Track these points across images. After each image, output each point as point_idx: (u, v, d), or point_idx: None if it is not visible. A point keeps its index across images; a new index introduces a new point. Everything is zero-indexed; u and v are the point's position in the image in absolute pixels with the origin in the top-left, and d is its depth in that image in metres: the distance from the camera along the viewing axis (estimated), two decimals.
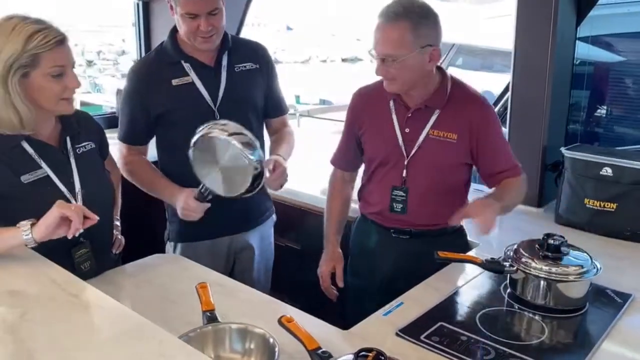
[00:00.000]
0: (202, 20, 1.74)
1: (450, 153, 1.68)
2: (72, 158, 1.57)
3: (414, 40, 1.54)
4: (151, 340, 1.00)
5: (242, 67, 1.93)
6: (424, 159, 1.69)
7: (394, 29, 1.54)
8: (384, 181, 1.77)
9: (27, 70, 1.40)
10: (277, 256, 2.25)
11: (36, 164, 1.49)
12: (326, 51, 32.61)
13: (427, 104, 1.68)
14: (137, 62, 2.04)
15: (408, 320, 1.38)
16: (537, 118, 2.13)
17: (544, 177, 2.19)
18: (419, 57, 1.57)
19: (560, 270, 1.43)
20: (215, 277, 1.64)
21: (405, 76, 1.59)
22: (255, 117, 1.98)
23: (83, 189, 1.55)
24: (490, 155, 1.71)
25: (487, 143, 1.69)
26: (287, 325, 1.18)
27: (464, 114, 1.67)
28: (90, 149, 1.64)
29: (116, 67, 22.58)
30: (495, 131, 1.71)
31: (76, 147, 1.59)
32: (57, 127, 1.57)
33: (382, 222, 1.80)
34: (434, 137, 1.68)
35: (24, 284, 1.22)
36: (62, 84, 1.45)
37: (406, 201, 1.73)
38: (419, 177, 1.71)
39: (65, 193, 1.52)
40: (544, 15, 2.03)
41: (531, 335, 1.37)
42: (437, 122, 1.68)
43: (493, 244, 1.96)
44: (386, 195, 1.75)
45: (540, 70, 2.08)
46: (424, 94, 1.68)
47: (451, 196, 1.74)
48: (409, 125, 1.70)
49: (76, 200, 1.53)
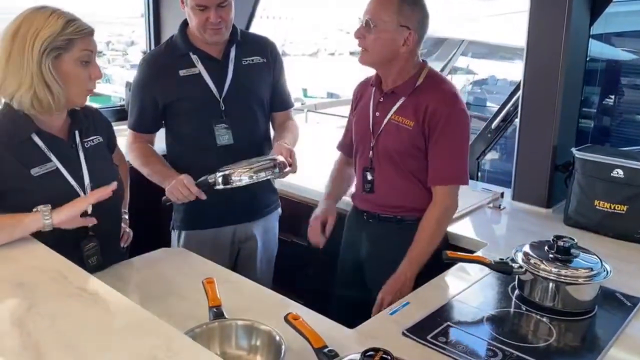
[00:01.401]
0: (211, 12, 1.78)
1: (406, 138, 1.73)
2: (81, 152, 1.58)
3: (396, 16, 1.64)
4: (158, 335, 1.00)
5: (249, 60, 1.96)
6: (384, 142, 1.77)
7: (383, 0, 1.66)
8: (359, 163, 1.86)
9: (60, 53, 1.44)
10: (282, 251, 2.25)
11: (46, 158, 1.50)
12: (334, 45, 32.47)
13: (395, 90, 1.75)
14: (148, 53, 2.09)
15: (414, 320, 1.37)
16: (548, 117, 2.11)
17: (554, 177, 2.16)
18: (394, 33, 1.65)
19: (570, 272, 1.41)
20: (221, 272, 1.64)
21: (376, 48, 1.67)
22: (261, 110, 2.01)
23: (92, 183, 1.56)
24: (434, 152, 1.72)
25: (436, 139, 1.71)
26: (293, 322, 1.18)
27: (424, 103, 1.70)
28: (98, 142, 1.65)
29: (125, 57, 22.60)
30: (450, 132, 1.70)
31: (84, 141, 1.60)
32: (66, 120, 1.59)
33: (358, 205, 1.90)
34: (394, 121, 1.75)
35: (32, 276, 1.22)
36: (87, 73, 1.49)
37: (373, 181, 1.81)
38: (382, 159, 1.78)
39: (75, 186, 1.53)
40: (557, 12, 2.01)
41: (539, 337, 1.36)
42: (399, 108, 1.74)
43: (500, 244, 1.95)
44: (360, 177, 1.86)
45: (553, 68, 2.06)
46: (397, 78, 1.74)
47: (415, 182, 1.77)
48: (379, 109, 1.79)
49: (85, 193, 1.54)
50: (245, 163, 1.73)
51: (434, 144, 1.71)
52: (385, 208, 1.81)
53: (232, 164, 1.74)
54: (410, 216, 1.79)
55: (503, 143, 3.01)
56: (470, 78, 7.95)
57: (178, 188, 1.74)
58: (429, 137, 1.71)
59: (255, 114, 1.98)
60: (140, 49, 21.52)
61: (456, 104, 1.72)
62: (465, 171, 1.75)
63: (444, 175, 1.73)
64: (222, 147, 1.91)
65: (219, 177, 1.71)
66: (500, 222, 2.17)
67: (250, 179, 1.70)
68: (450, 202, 1.75)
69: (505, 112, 2.55)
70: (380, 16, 1.64)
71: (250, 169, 1.71)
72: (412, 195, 1.78)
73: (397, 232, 1.80)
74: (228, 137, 1.91)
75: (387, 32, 1.65)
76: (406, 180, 1.77)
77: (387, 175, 1.79)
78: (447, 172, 1.73)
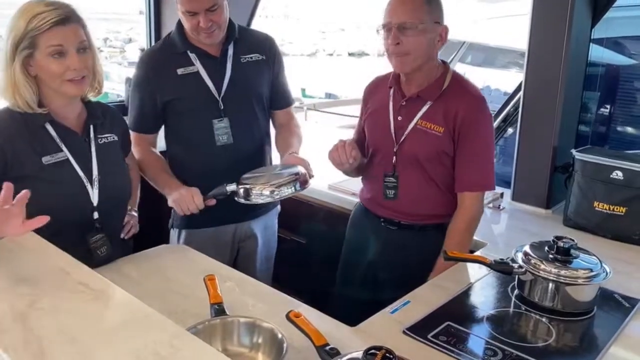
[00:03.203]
0: (201, 17, 1.76)
1: (435, 145, 1.69)
2: (94, 146, 1.59)
3: (429, 13, 1.59)
4: (161, 331, 1.00)
5: (248, 58, 1.94)
6: (410, 148, 1.72)
7: (409, 1, 1.58)
8: (377, 168, 1.80)
9: (31, 51, 1.44)
10: (281, 249, 2.25)
11: (57, 147, 1.52)
12: (333, 45, 32.47)
13: (420, 94, 1.70)
14: (146, 51, 2.06)
15: (415, 319, 1.38)
16: (549, 119, 2.12)
17: (553, 178, 2.17)
18: (432, 31, 1.60)
19: (569, 273, 1.42)
20: (222, 269, 1.64)
21: (418, 50, 1.60)
22: (261, 108, 1.99)
23: (100, 176, 1.57)
24: (462, 158, 1.70)
25: (465, 146, 1.69)
26: (295, 320, 1.18)
27: (454, 109, 1.67)
28: (112, 140, 1.67)
29: (123, 55, 22.56)
30: (479, 137, 1.70)
31: (99, 137, 1.62)
32: (82, 114, 1.61)
33: (374, 210, 1.84)
34: (421, 127, 1.70)
35: (34, 272, 1.22)
36: (64, 65, 1.46)
37: (397, 187, 1.75)
38: (407, 165, 1.74)
39: (83, 178, 1.55)
40: (559, 16, 2.01)
41: (538, 337, 1.36)
42: (426, 113, 1.70)
43: (500, 244, 1.96)
44: (379, 182, 1.78)
45: (554, 71, 2.07)
46: (423, 81, 1.70)
47: (439, 188, 1.75)
48: (402, 113, 1.74)
49: (92, 186, 1.56)
50: (266, 176, 1.72)
51: (463, 150, 1.69)
52: (408, 216, 1.77)
53: (251, 173, 1.75)
54: (431, 223, 1.77)
55: (502, 144, 3.02)
56: None
57: (186, 201, 1.75)
58: (457, 142, 1.68)
59: (254, 112, 1.96)
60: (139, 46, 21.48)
61: (485, 109, 1.71)
62: (493, 177, 1.74)
63: (473, 181, 1.71)
64: (221, 146, 1.90)
65: (241, 189, 1.71)
66: (500, 222, 2.18)
67: (272, 194, 1.69)
68: (478, 208, 1.73)
69: (505, 113, 2.56)
70: (417, 17, 1.57)
71: (272, 184, 1.69)
72: (435, 202, 1.75)
73: (415, 240, 1.78)
74: (227, 136, 1.90)
75: (427, 31, 1.59)
76: (431, 187, 1.74)
77: (412, 182, 1.74)
78: (475, 178, 1.71)
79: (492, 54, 6.95)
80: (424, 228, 1.78)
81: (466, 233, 1.74)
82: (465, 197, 1.72)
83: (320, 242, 2.36)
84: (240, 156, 1.92)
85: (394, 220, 1.80)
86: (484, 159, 1.72)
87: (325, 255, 2.10)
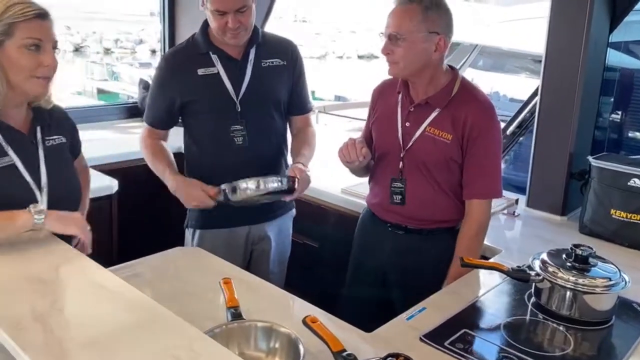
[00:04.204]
0: (230, 17, 1.77)
1: (443, 152, 1.70)
2: (41, 149, 1.51)
3: (423, 23, 1.60)
4: (181, 335, 1.00)
5: (269, 62, 1.95)
6: (417, 154, 1.73)
7: (406, 10, 1.61)
8: (384, 173, 1.81)
9: (1, 39, 1.36)
10: (294, 253, 2.25)
11: (3, 151, 1.43)
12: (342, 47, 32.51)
13: (429, 101, 1.71)
14: (169, 51, 2.10)
15: (432, 325, 1.37)
16: (565, 124, 2.10)
17: (569, 185, 2.16)
18: (425, 41, 1.61)
19: (588, 281, 1.40)
20: (236, 272, 1.64)
21: (408, 58, 1.62)
22: (278, 112, 2.00)
23: (49, 182, 1.50)
24: (470, 165, 1.70)
25: (474, 153, 1.69)
26: (312, 325, 1.17)
27: (462, 116, 1.67)
28: (60, 143, 1.58)
29: (133, 55, 22.73)
30: (487, 145, 1.70)
31: (46, 139, 1.54)
32: (28, 116, 1.52)
33: (381, 215, 1.84)
34: (430, 134, 1.71)
35: (54, 272, 1.23)
36: (37, 60, 1.39)
37: (404, 192, 1.75)
38: (414, 170, 1.74)
39: (31, 184, 1.47)
40: (577, 20, 2.00)
41: (555, 346, 1.35)
42: (435, 120, 1.70)
43: (514, 251, 1.95)
44: (386, 187, 1.79)
45: (571, 76, 2.05)
46: (430, 89, 1.70)
47: (446, 194, 1.75)
48: (410, 119, 1.74)
49: (41, 193, 1.48)
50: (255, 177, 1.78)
51: (471, 157, 1.69)
52: (415, 221, 1.78)
53: None
54: (438, 228, 1.77)
55: (517, 149, 3.01)
56: None
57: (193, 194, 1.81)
58: (466, 150, 1.69)
59: (271, 117, 1.97)
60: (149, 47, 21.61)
61: (494, 116, 1.71)
62: (500, 184, 1.74)
63: (482, 189, 1.71)
64: (237, 149, 1.90)
65: (228, 186, 1.76)
66: (515, 228, 2.16)
67: (257, 187, 1.74)
68: (486, 215, 1.74)
69: (521, 119, 2.55)
70: (407, 27, 1.59)
71: (257, 178, 1.75)
72: (443, 208, 1.75)
73: (424, 243, 1.78)
74: (243, 139, 1.90)
75: (417, 42, 1.61)
76: (438, 193, 1.74)
77: (419, 187, 1.74)
78: (484, 186, 1.71)
79: (502, 59, 6.93)
80: (432, 232, 1.78)
81: (475, 240, 1.74)
82: (473, 205, 1.72)
83: (333, 245, 2.35)
84: (256, 159, 1.92)
85: (401, 225, 1.80)
86: (492, 167, 1.73)
87: (337, 258, 2.09)
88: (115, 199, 2.42)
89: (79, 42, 26.55)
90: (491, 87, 7.97)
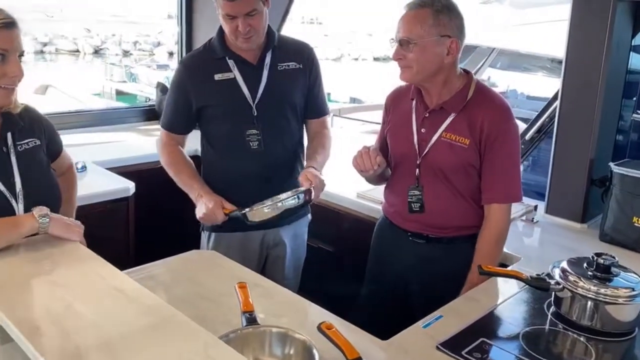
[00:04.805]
0: (240, 21, 1.77)
1: (461, 157, 1.67)
2: (13, 155, 1.49)
3: (434, 27, 1.58)
4: (196, 340, 1.00)
5: (285, 66, 1.94)
6: (434, 160, 1.70)
7: (416, 15, 1.60)
8: (400, 181, 1.78)
9: None
10: (309, 257, 2.24)
11: None
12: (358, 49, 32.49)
13: (444, 106, 1.68)
14: (187, 55, 2.09)
15: (448, 334, 1.34)
16: (586, 130, 2.07)
17: (590, 191, 2.12)
18: (437, 45, 1.59)
19: (610, 291, 1.37)
20: (252, 276, 1.63)
21: (420, 63, 1.60)
22: (294, 116, 1.99)
23: (24, 190, 1.48)
24: (488, 169, 1.68)
25: (491, 157, 1.66)
26: (327, 332, 1.16)
27: (479, 120, 1.65)
28: (33, 146, 1.55)
29: (151, 57, 22.96)
30: (506, 148, 1.67)
31: (18, 144, 1.51)
32: None
33: (400, 224, 1.81)
34: (446, 139, 1.68)
35: (70, 276, 1.23)
36: (2, 70, 1.36)
37: (422, 200, 1.73)
38: (431, 177, 1.72)
39: (6, 194, 1.45)
40: (599, 23, 1.97)
41: (575, 357, 1.33)
42: (450, 125, 1.68)
43: (533, 258, 1.91)
44: (403, 195, 1.76)
45: (592, 80, 2.01)
46: (444, 93, 1.68)
47: (466, 200, 1.72)
48: (425, 125, 1.72)
49: (17, 200, 1.46)
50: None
51: (489, 162, 1.66)
52: (435, 229, 1.75)
53: None
54: (459, 235, 1.75)
55: (536, 154, 2.96)
56: None
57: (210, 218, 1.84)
58: (484, 154, 1.66)
59: (287, 121, 1.96)
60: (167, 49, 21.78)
61: (511, 119, 1.68)
62: (520, 188, 1.71)
63: (501, 193, 1.69)
64: (252, 153, 1.90)
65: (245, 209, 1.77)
66: (533, 235, 2.13)
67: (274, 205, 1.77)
68: (506, 220, 1.71)
69: (540, 124, 2.51)
70: (418, 32, 1.58)
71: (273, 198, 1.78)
72: (463, 214, 1.73)
73: (446, 252, 1.75)
74: (258, 143, 1.90)
75: (429, 46, 1.59)
76: (458, 199, 1.71)
77: (438, 194, 1.72)
78: (503, 190, 1.68)
79: (519, 58, 6.90)
80: (453, 240, 1.75)
81: (495, 246, 1.71)
82: (492, 210, 1.70)
83: (348, 250, 2.34)
84: (271, 163, 1.92)
85: (422, 234, 1.77)
86: (511, 170, 1.70)
87: (353, 263, 2.08)
88: (132, 201, 2.43)
89: (98, 44, 26.91)
90: (508, 85, 7.92)
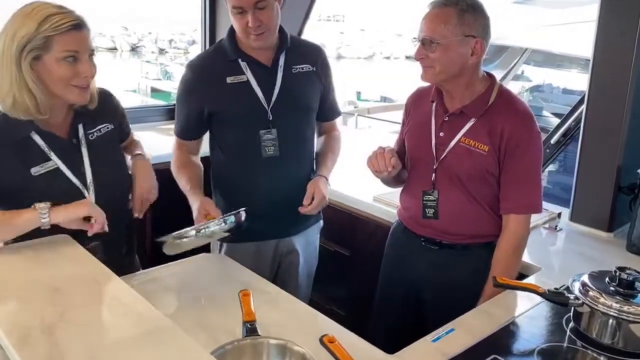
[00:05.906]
0: (249, 15, 1.70)
1: (479, 164, 1.61)
2: (84, 147, 1.55)
3: (458, 27, 1.53)
4: (185, 354, 0.97)
5: (299, 68, 1.88)
6: (451, 165, 1.65)
7: (440, 14, 1.55)
8: (416, 185, 1.74)
9: (39, 53, 1.39)
10: (324, 260, 2.20)
11: (46, 156, 1.48)
12: (390, 48, 32.30)
13: (464, 110, 1.63)
14: (195, 58, 1.98)
15: (459, 349, 1.29)
16: (614, 135, 1.97)
17: (617, 199, 2.02)
18: (460, 45, 1.55)
19: (633, 309, 1.29)
20: (260, 282, 1.61)
21: (443, 63, 1.56)
22: (310, 121, 1.94)
23: (95, 181, 1.54)
24: (508, 178, 1.61)
25: (511, 165, 1.60)
26: (329, 345, 1.12)
27: (500, 126, 1.59)
28: (107, 131, 1.61)
29: (186, 56, 23.30)
30: (526, 157, 1.60)
31: (89, 133, 1.57)
32: (68, 115, 1.55)
33: (413, 229, 1.77)
34: (465, 145, 1.63)
35: (68, 282, 1.22)
36: (75, 70, 1.43)
37: (437, 206, 1.68)
38: (447, 183, 1.67)
39: (77, 184, 1.51)
40: (628, 23, 1.87)
41: None
42: (470, 130, 1.63)
43: (555, 269, 1.84)
44: (417, 200, 1.72)
45: (621, 83, 1.91)
46: (466, 96, 1.63)
47: (483, 208, 1.66)
48: (444, 129, 1.67)
49: (88, 191, 1.52)
50: None
51: (509, 170, 1.61)
52: (449, 235, 1.70)
53: None
54: (475, 243, 1.70)
55: (562, 159, 2.86)
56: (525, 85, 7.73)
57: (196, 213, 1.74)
58: (503, 162, 1.60)
59: (303, 124, 1.91)
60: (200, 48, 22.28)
61: (533, 127, 1.61)
62: (541, 198, 1.64)
63: (520, 203, 1.63)
64: (267, 158, 1.84)
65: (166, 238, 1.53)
66: (556, 244, 2.04)
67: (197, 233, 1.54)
68: (525, 231, 1.65)
69: (566, 127, 2.41)
70: (441, 32, 1.53)
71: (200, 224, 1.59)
72: (479, 222, 1.67)
73: (460, 259, 1.70)
74: (274, 148, 1.83)
75: (452, 46, 1.54)
76: (474, 206, 1.66)
77: (454, 201, 1.67)
78: (523, 200, 1.62)
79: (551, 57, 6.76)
80: (467, 247, 1.70)
81: (513, 257, 1.65)
82: (510, 220, 1.64)
83: (364, 254, 2.30)
84: (285, 169, 1.87)
85: (435, 240, 1.72)
86: (532, 179, 1.63)
87: (368, 267, 2.04)
88: None
89: (135, 42, 27.47)
90: (544, 79, 7.74)
